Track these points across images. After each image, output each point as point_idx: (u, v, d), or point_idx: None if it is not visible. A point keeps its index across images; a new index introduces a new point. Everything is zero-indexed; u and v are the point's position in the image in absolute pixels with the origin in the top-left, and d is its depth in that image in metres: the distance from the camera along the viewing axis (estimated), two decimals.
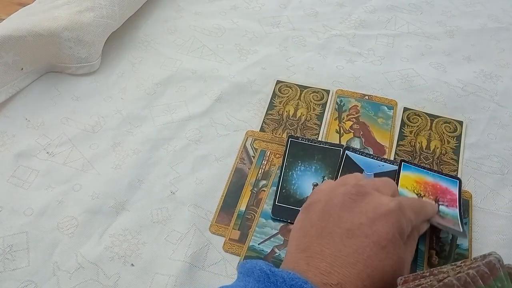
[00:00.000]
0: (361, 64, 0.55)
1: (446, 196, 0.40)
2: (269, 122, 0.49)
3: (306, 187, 0.43)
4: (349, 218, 0.27)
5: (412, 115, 0.48)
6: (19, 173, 0.44)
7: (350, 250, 0.26)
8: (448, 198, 0.40)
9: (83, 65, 0.53)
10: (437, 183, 0.42)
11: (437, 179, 0.42)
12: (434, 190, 0.41)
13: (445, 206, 0.40)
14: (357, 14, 0.62)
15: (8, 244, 0.39)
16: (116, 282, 0.37)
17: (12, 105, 0.50)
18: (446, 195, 0.41)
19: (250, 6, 0.64)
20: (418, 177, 0.42)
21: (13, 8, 0.60)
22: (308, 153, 0.45)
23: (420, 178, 0.42)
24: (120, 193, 0.43)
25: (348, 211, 0.27)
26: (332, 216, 0.27)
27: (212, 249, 0.39)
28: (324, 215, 0.28)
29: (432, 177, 0.42)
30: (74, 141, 0.47)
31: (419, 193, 0.40)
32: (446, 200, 0.40)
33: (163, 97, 0.52)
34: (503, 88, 0.51)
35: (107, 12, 0.54)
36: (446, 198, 0.40)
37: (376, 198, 0.28)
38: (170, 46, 0.58)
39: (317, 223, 0.28)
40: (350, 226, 0.27)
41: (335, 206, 0.28)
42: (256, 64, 0.55)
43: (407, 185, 0.41)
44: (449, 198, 0.40)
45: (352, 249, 0.26)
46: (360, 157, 0.44)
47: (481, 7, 0.63)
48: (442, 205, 0.40)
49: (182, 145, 0.47)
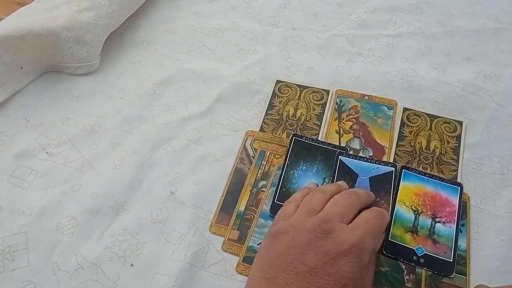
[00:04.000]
0: (361, 64, 0.55)
1: (445, 209, 0.40)
2: (268, 122, 0.49)
3: None
4: (314, 257, 0.29)
5: (412, 115, 0.48)
6: (18, 173, 0.44)
7: (313, 287, 0.28)
8: (447, 212, 0.40)
9: (82, 65, 0.53)
10: (437, 193, 0.41)
11: (437, 187, 0.42)
12: (433, 203, 0.41)
13: (442, 224, 0.40)
14: (357, 14, 0.62)
15: (8, 244, 0.39)
16: (115, 282, 0.37)
17: (11, 105, 0.50)
18: (445, 208, 0.41)
19: (250, 6, 0.64)
20: (417, 188, 0.42)
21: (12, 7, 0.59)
22: (311, 153, 0.45)
23: (420, 188, 0.42)
24: (120, 193, 0.43)
25: (313, 250, 0.29)
26: (298, 252, 0.29)
27: (212, 249, 0.39)
28: (291, 250, 0.29)
29: (432, 185, 0.42)
30: (73, 141, 0.47)
31: (417, 209, 0.41)
32: (444, 215, 0.40)
33: (163, 97, 0.52)
34: (503, 88, 0.51)
35: (107, 11, 0.53)
36: (444, 211, 0.40)
37: (340, 234, 0.30)
38: (169, 46, 0.58)
39: (282, 256, 0.29)
40: (315, 265, 0.28)
41: (301, 242, 0.30)
42: (256, 64, 0.55)
43: (405, 200, 0.41)
44: (447, 212, 0.40)
45: (315, 286, 0.28)
46: (354, 161, 0.44)
47: (481, 7, 0.63)
48: (438, 223, 0.40)
49: (181, 145, 0.47)
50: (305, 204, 0.34)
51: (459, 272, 0.37)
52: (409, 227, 0.40)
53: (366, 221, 0.33)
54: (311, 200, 0.34)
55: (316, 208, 0.33)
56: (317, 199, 0.34)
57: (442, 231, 0.39)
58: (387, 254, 0.38)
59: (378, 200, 0.41)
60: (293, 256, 0.29)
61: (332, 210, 0.33)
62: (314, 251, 0.29)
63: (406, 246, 0.39)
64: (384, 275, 0.37)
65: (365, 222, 0.33)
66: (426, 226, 0.40)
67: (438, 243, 0.39)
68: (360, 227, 0.32)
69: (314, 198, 0.35)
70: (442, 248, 0.38)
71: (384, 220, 0.35)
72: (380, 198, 0.42)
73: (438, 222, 0.40)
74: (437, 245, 0.39)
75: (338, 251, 0.29)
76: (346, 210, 0.33)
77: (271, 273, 0.29)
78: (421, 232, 0.39)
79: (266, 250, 0.31)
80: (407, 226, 0.40)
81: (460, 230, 0.39)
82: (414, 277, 0.37)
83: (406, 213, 0.40)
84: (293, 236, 0.30)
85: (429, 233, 0.39)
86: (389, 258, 0.38)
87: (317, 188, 0.37)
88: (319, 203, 0.34)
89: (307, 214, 0.33)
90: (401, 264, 0.38)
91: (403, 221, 0.40)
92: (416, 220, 0.40)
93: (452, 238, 0.39)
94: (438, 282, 0.37)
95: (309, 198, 0.35)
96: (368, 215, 0.34)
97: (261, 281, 0.29)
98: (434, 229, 0.39)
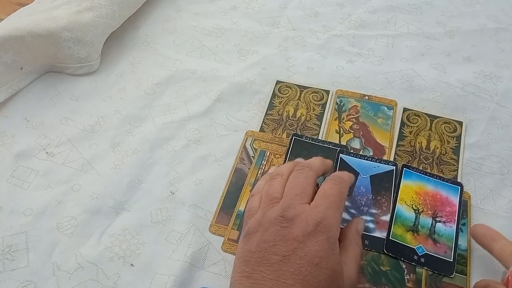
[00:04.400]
0: (361, 64, 0.55)
1: (445, 209, 0.41)
2: (268, 122, 0.49)
3: None
4: (283, 245, 0.30)
5: (412, 115, 0.48)
6: (18, 173, 0.44)
7: (288, 273, 0.29)
8: (447, 211, 0.40)
9: (82, 65, 0.53)
10: (438, 192, 0.42)
11: (438, 187, 0.42)
12: (434, 202, 0.41)
13: (442, 223, 0.40)
14: (357, 14, 0.62)
15: (8, 244, 0.39)
16: (115, 282, 0.37)
17: (11, 105, 0.50)
18: (446, 207, 0.41)
19: (250, 6, 0.64)
20: (418, 187, 0.42)
21: (13, 8, 0.60)
22: (310, 152, 0.45)
23: (420, 187, 0.42)
24: (120, 193, 0.43)
25: (282, 240, 0.30)
26: (269, 245, 0.30)
27: (212, 249, 0.39)
28: (262, 245, 0.31)
29: (433, 185, 0.42)
30: (73, 141, 0.47)
31: (418, 208, 0.41)
32: (445, 214, 0.40)
33: (163, 97, 0.52)
34: (503, 88, 0.51)
35: (107, 12, 0.53)
36: (445, 211, 0.40)
37: (303, 217, 0.31)
38: (169, 46, 0.58)
39: (256, 253, 0.31)
40: (286, 253, 0.30)
41: (270, 235, 0.31)
42: (256, 64, 0.55)
43: (406, 199, 0.41)
44: (448, 211, 0.40)
45: (290, 272, 0.29)
46: (355, 160, 0.44)
47: (481, 7, 0.63)
48: (439, 223, 0.40)
49: (181, 145, 0.47)
50: (265, 195, 0.35)
51: (460, 272, 0.37)
52: (409, 226, 0.40)
53: (324, 194, 0.33)
54: (270, 189, 0.35)
55: (276, 195, 0.34)
56: (276, 185, 0.35)
57: (442, 231, 0.39)
58: (388, 253, 0.38)
59: (378, 199, 0.41)
60: (265, 250, 0.30)
61: (291, 193, 0.33)
62: (283, 240, 0.30)
63: (407, 245, 0.39)
64: (385, 274, 0.37)
65: (323, 196, 0.33)
66: (427, 225, 0.40)
67: (439, 242, 0.39)
68: (320, 203, 0.32)
69: (273, 186, 0.35)
70: (443, 248, 0.38)
71: (343, 184, 0.34)
72: (380, 196, 0.42)
73: (438, 221, 0.40)
74: (437, 244, 0.39)
75: (304, 233, 0.30)
76: (303, 189, 0.33)
77: (248, 270, 0.30)
78: (421, 231, 0.39)
79: (241, 252, 0.32)
80: (408, 225, 0.40)
81: (460, 229, 0.39)
82: (415, 277, 0.37)
83: (407, 212, 0.40)
84: (262, 232, 0.31)
85: (430, 233, 0.39)
86: (390, 258, 0.38)
87: (273, 172, 0.37)
88: (279, 189, 0.34)
89: (269, 205, 0.33)
90: (401, 264, 0.38)
91: (404, 220, 0.40)
92: (416, 219, 0.40)
93: (453, 238, 0.39)
94: (439, 281, 0.37)
95: (268, 187, 0.35)
96: (325, 187, 0.34)
97: (241, 280, 0.30)
98: (434, 229, 0.39)
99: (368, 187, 0.42)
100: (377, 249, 0.39)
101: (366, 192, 0.42)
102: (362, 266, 0.38)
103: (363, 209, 0.41)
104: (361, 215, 0.40)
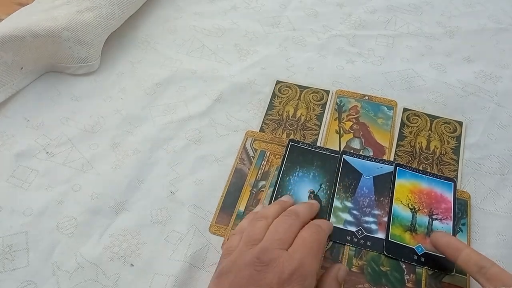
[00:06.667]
0: (361, 65, 0.55)
1: (441, 206, 0.41)
2: (268, 122, 0.49)
3: (302, 194, 0.42)
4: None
5: (412, 116, 0.48)
6: (18, 173, 0.44)
7: None
8: (443, 208, 0.40)
9: (82, 65, 0.53)
10: (432, 189, 0.42)
11: (432, 184, 0.42)
12: (429, 200, 0.41)
13: (439, 221, 0.40)
14: (357, 14, 0.62)
15: (8, 244, 0.39)
16: (115, 282, 0.37)
17: (11, 105, 0.50)
18: (441, 204, 0.41)
19: (250, 6, 0.64)
20: (412, 185, 0.42)
21: (13, 8, 0.60)
22: (307, 158, 0.45)
23: (415, 186, 0.42)
24: (120, 193, 0.43)
25: (255, 285, 0.29)
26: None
27: (212, 249, 0.39)
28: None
29: (427, 182, 0.42)
30: (73, 141, 0.47)
31: (414, 207, 0.41)
32: (441, 212, 0.40)
33: (163, 97, 0.52)
34: (503, 89, 0.51)
35: (107, 12, 0.53)
36: (440, 208, 0.40)
37: (279, 263, 0.30)
38: (170, 46, 0.58)
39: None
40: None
41: (242, 279, 0.29)
42: (256, 64, 0.55)
43: (402, 198, 0.41)
44: (443, 208, 0.40)
45: None
46: (358, 161, 0.44)
47: (481, 7, 0.63)
48: (435, 220, 0.40)
49: (182, 145, 0.47)
50: (246, 235, 0.34)
51: (460, 271, 0.37)
52: (407, 226, 0.40)
53: (303, 242, 0.32)
54: (252, 230, 0.34)
55: (257, 237, 0.33)
56: (258, 228, 0.34)
57: (439, 228, 0.39)
58: (388, 255, 0.38)
59: (381, 200, 0.41)
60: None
61: (272, 237, 0.32)
62: (256, 285, 0.29)
63: (406, 246, 0.39)
64: (385, 274, 0.37)
65: (302, 244, 0.32)
66: (424, 224, 0.40)
67: None
68: (298, 249, 0.31)
69: (255, 228, 0.34)
70: None
71: (322, 233, 0.34)
72: (383, 197, 0.42)
73: (435, 219, 0.40)
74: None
75: (279, 281, 0.29)
76: (285, 235, 0.32)
77: None
78: (419, 230, 0.39)
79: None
80: (406, 225, 0.40)
81: (460, 229, 0.39)
82: (415, 277, 0.37)
83: (403, 211, 0.40)
84: (235, 274, 0.30)
85: (427, 231, 0.39)
86: (390, 258, 0.38)
87: (258, 213, 0.36)
88: (260, 232, 0.33)
89: (248, 246, 0.32)
90: (401, 264, 0.38)
91: (401, 220, 0.40)
92: (413, 218, 0.40)
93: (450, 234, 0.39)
94: (438, 282, 0.37)
95: (250, 228, 0.34)
96: (304, 234, 0.33)
97: None
98: (431, 227, 0.39)
99: (371, 188, 0.42)
100: (379, 250, 0.39)
101: (369, 193, 0.42)
102: (362, 266, 0.38)
103: (366, 210, 0.41)
104: (363, 216, 0.40)
